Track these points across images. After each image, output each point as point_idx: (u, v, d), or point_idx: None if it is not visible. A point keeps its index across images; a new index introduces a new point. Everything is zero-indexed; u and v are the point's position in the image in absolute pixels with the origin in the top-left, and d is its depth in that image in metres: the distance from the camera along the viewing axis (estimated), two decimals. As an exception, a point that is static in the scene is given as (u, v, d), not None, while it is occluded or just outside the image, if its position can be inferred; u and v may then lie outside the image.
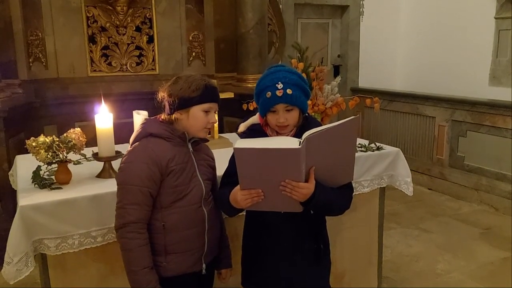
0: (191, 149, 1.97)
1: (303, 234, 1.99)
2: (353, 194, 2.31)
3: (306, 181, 1.74)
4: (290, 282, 2.01)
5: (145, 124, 1.95)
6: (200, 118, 1.90)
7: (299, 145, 1.63)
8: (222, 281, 2.22)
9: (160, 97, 1.94)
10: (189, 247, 1.94)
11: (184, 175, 1.90)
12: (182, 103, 1.87)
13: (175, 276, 1.92)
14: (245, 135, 2.01)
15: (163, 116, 1.95)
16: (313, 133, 1.66)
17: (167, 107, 1.91)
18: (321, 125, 1.88)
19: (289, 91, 1.83)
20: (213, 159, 2.11)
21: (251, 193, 1.75)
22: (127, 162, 1.86)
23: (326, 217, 2.13)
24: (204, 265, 2.01)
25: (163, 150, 1.86)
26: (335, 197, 1.88)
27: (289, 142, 1.69)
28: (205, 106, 1.90)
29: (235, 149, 1.67)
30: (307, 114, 1.99)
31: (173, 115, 1.90)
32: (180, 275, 1.93)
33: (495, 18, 5.85)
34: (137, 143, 1.89)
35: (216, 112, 2.00)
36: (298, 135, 1.85)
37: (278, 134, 1.93)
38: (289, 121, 1.88)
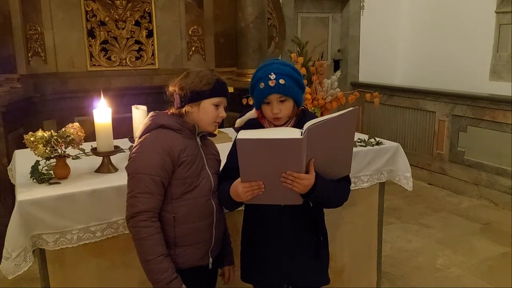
0: (199, 142, 1.98)
1: (303, 227, 2.00)
2: (353, 189, 2.32)
3: (306, 172, 1.75)
4: (290, 276, 2.02)
5: (154, 116, 1.96)
6: (210, 111, 1.92)
7: (301, 135, 1.63)
8: (225, 281, 2.21)
9: (170, 91, 1.96)
10: (197, 240, 1.95)
11: (194, 167, 1.91)
12: (194, 96, 1.89)
13: (183, 270, 1.92)
14: (242, 129, 2.01)
15: (172, 110, 1.97)
16: (314, 123, 1.67)
17: (177, 100, 1.93)
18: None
19: (281, 81, 1.85)
20: (218, 154, 2.13)
21: (252, 186, 1.76)
22: (139, 152, 1.86)
23: (325, 211, 2.14)
24: (211, 259, 2.02)
25: (175, 141, 1.88)
26: (335, 189, 1.90)
27: (291, 133, 1.69)
28: (216, 100, 1.92)
29: (237, 140, 1.67)
30: (303, 107, 2.00)
31: (184, 108, 1.92)
32: (188, 269, 1.93)
33: (496, 12, 5.82)
34: (147, 134, 1.90)
35: (225, 107, 2.00)
36: (295, 127, 1.85)
37: (274, 126, 1.95)
38: (283, 112, 1.90)
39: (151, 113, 1.99)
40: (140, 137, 1.92)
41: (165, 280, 1.81)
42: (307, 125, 1.66)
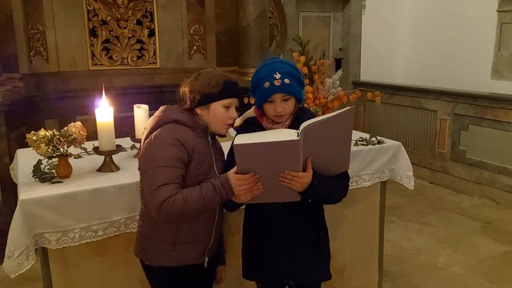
0: (210, 142, 1.98)
1: (302, 223, 2.02)
2: (354, 187, 2.32)
3: (304, 170, 1.78)
4: (291, 272, 2.03)
5: (167, 111, 1.94)
6: (220, 113, 1.91)
7: (297, 136, 1.65)
8: (217, 280, 2.23)
9: (181, 92, 1.94)
10: (197, 239, 1.96)
11: (204, 166, 1.90)
12: (203, 99, 1.88)
13: (180, 267, 1.93)
14: (241, 129, 2.03)
15: (185, 106, 1.95)
16: (310, 124, 1.70)
17: (188, 102, 1.92)
18: (315, 116, 1.91)
19: (286, 80, 1.88)
20: (224, 154, 2.12)
21: (251, 188, 1.79)
22: (155, 146, 1.83)
23: (326, 210, 2.15)
24: (206, 259, 2.01)
25: (189, 136, 1.87)
26: (332, 185, 1.93)
27: (287, 134, 1.72)
28: (225, 102, 1.90)
29: (234, 145, 1.70)
30: (301, 106, 2.02)
31: (195, 110, 1.92)
32: (184, 266, 1.94)
33: (498, 11, 5.82)
34: (160, 128, 1.87)
35: (237, 107, 1.98)
36: (293, 125, 1.91)
37: (274, 123, 1.97)
38: (286, 110, 1.93)
39: (162, 107, 1.97)
40: (151, 130, 1.89)
41: (219, 191, 1.81)
42: (303, 125, 1.69)
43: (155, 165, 1.80)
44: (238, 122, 2.10)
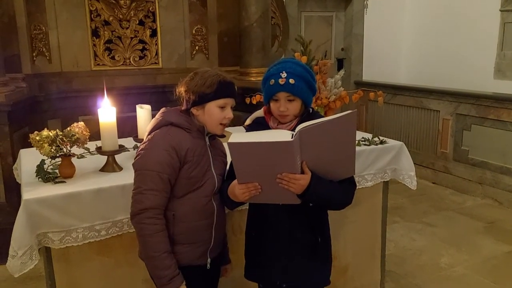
0: (208, 142, 1.98)
1: (300, 226, 2.00)
2: (357, 188, 2.31)
3: (302, 173, 1.76)
4: (288, 274, 2.02)
5: (165, 113, 1.95)
6: (215, 114, 1.91)
7: (292, 137, 1.64)
8: (226, 276, 2.26)
9: (177, 92, 1.95)
10: (196, 239, 1.96)
11: (200, 167, 1.91)
12: (198, 99, 1.89)
13: (182, 267, 1.92)
14: (250, 128, 2.05)
15: (182, 107, 1.96)
16: (306, 126, 1.68)
17: (184, 102, 1.93)
18: None
19: (291, 80, 1.87)
20: (225, 155, 2.10)
21: (248, 187, 1.79)
22: (148, 148, 1.86)
23: (329, 212, 2.13)
24: (209, 259, 2.02)
25: (183, 139, 1.88)
26: (333, 189, 1.88)
27: (282, 135, 1.70)
28: (220, 102, 1.91)
29: (228, 143, 1.70)
30: (311, 109, 2.00)
31: (190, 110, 1.92)
32: (185, 267, 1.93)
33: (500, 11, 5.82)
34: (157, 130, 1.90)
35: (233, 106, 1.99)
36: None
37: (279, 123, 1.96)
38: (290, 111, 1.91)
39: (162, 109, 1.99)
40: (149, 133, 1.92)
41: (168, 276, 1.83)
42: (299, 127, 1.68)
43: (145, 168, 1.84)
44: (248, 121, 2.11)
